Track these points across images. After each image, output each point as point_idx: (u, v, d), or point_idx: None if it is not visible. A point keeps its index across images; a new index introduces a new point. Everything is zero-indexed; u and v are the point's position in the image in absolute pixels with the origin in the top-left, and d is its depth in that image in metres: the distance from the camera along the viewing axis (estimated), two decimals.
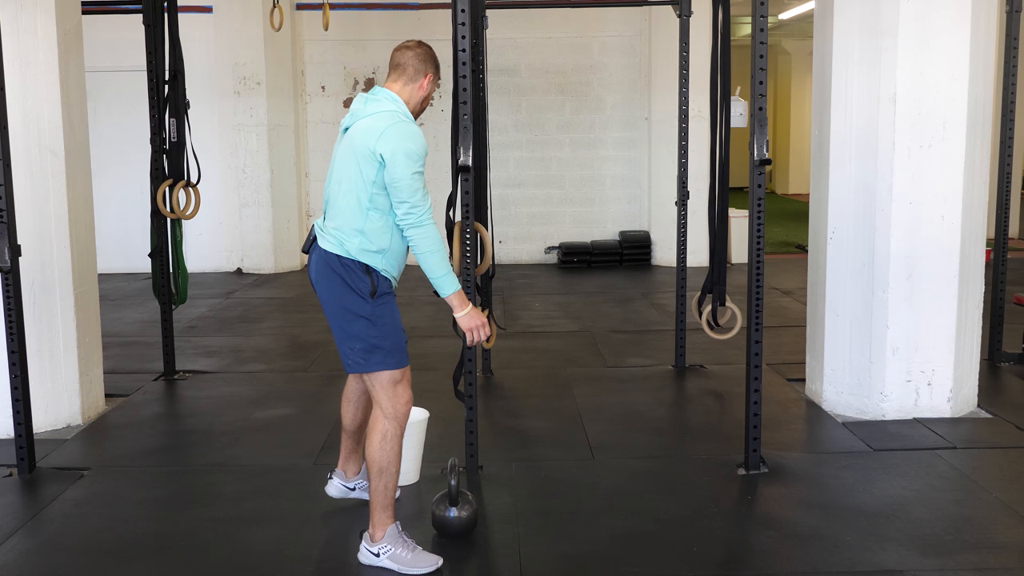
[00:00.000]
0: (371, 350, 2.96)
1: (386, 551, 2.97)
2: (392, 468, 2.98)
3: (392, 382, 2.99)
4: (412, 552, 2.98)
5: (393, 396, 2.99)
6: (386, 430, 2.97)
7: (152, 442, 4.36)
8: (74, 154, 4.43)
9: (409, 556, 2.96)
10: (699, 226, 6.56)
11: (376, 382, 2.99)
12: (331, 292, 2.97)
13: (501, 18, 7.43)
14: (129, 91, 9.01)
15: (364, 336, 2.95)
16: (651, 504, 3.51)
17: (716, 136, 5.07)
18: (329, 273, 2.97)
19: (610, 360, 5.74)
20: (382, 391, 2.99)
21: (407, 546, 2.98)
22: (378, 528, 2.99)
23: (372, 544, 2.99)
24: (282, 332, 6.76)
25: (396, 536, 2.99)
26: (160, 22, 5.14)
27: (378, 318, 2.95)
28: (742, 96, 7.09)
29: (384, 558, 2.97)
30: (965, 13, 4.17)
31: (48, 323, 4.35)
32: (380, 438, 2.97)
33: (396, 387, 2.99)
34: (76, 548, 3.19)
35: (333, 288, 2.96)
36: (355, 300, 2.94)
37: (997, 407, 4.58)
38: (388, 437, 2.97)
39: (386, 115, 2.96)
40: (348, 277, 2.94)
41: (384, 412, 2.99)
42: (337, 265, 2.95)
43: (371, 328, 2.95)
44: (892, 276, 4.32)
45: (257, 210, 9.50)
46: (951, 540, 3.14)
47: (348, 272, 2.94)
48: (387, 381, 2.98)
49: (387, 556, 2.96)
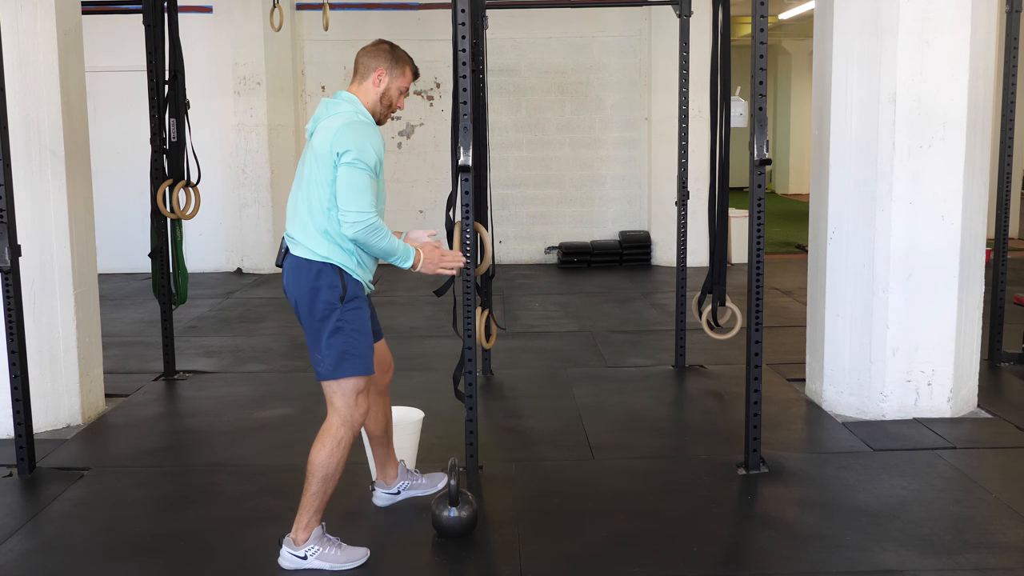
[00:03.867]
0: (341, 357, 2.92)
1: (314, 552, 2.95)
2: (336, 476, 2.97)
3: (355, 391, 2.96)
4: (339, 548, 2.98)
5: (353, 405, 2.96)
6: (340, 437, 2.95)
7: (152, 442, 4.36)
8: (74, 154, 4.42)
9: (338, 552, 2.96)
10: (699, 226, 6.56)
11: (339, 389, 2.95)
12: (302, 300, 2.94)
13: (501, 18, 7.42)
14: (129, 91, 9.01)
15: (335, 343, 2.92)
16: (651, 504, 3.51)
17: (716, 136, 5.07)
18: (300, 281, 2.93)
19: (610, 360, 5.74)
20: (343, 398, 2.95)
21: (333, 543, 2.98)
22: (302, 531, 2.96)
23: (297, 547, 2.96)
24: (282, 332, 6.76)
25: (321, 536, 2.98)
26: (160, 22, 5.14)
27: (347, 324, 2.92)
28: (742, 96, 7.09)
29: (313, 559, 2.94)
30: (965, 13, 4.17)
31: (48, 323, 4.35)
32: (334, 444, 2.94)
33: (358, 396, 2.97)
34: (76, 548, 3.18)
35: (304, 296, 2.93)
36: (326, 306, 2.90)
37: (997, 407, 4.58)
38: (342, 444, 2.95)
39: (342, 115, 2.94)
40: (318, 282, 2.90)
41: (342, 419, 2.96)
42: (307, 271, 2.91)
43: (341, 335, 2.91)
44: (892, 276, 4.32)
45: (257, 210, 9.50)
46: (951, 540, 3.14)
47: (318, 277, 2.90)
48: (351, 389, 2.95)
49: (315, 556, 2.95)
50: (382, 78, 3.03)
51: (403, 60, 3.08)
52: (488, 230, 4.47)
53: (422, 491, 3.48)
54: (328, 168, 2.86)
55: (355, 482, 3.73)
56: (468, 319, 3.81)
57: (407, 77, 3.09)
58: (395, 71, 3.05)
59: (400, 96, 3.10)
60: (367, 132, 2.90)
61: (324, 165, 2.87)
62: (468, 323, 3.82)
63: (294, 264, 2.94)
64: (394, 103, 3.09)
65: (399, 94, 3.09)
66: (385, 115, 3.10)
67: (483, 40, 4.86)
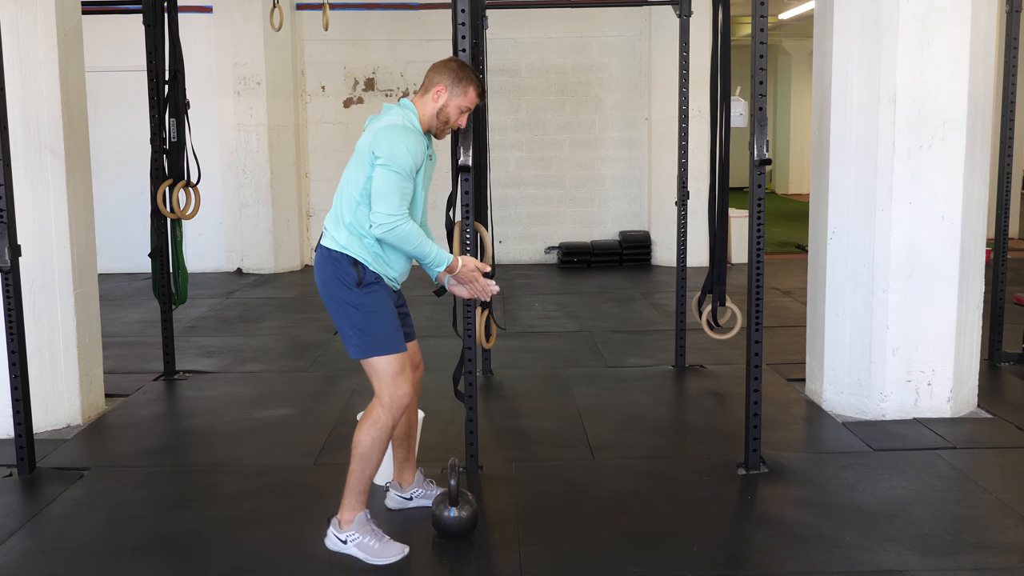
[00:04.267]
0: (362, 338, 3.00)
1: (354, 539, 2.99)
2: (375, 456, 3.01)
3: (391, 373, 3.01)
4: (379, 541, 3.00)
5: (392, 386, 3.01)
6: (378, 418, 3.00)
7: (152, 442, 4.36)
8: (74, 154, 4.43)
9: (376, 545, 2.98)
10: (699, 226, 6.56)
11: (375, 372, 3.02)
12: (325, 285, 3.06)
13: (501, 18, 7.43)
14: (129, 91, 9.02)
15: (357, 324, 3.01)
16: (651, 504, 3.51)
17: (716, 136, 5.07)
18: (323, 267, 3.05)
19: (610, 360, 5.74)
20: (378, 381, 3.02)
21: (375, 535, 3.00)
22: (347, 511, 3.01)
23: (340, 530, 3.01)
24: (282, 332, 6.76)
25: (364, 524, 3.01)
26: (160, 22, 5.13)
27: (365, 307, 3.00)
28: (742, 96, 7.09)
29: (351, 545, 2.99)
30: (965, 13, 4.17)
31: (48, 323, 4.35)
32: (371, 424, 3.00)
33: (396, 378, 3.02)
34: (76, 548, 3.18)
35: (327, 282, 3.05)
36: (343, 290, 3.00)
37: (997, 407, 4.58)
38: (379, 425, 3.00)
39: (391, 119, 3.02)
40: (336, 268, 3.01)
41: (381, 401, 3.02)
42: (328, 258, 3.03)
43: (361, 316, 3.00)
44: (892, 276, 4.32)
45: (257, 210, 9.50)
46: (951, 540, 3.14)
47: (337, 264, 3.01)
48: (385, 370, 3.01)
49: (354, 544, 2.98)
50: (441, 94, 3.08)
51: (467, 80, 3.10)
52: (488, 230, 4.47)
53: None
54: (364, 166, 2.97)
55: None
56: (468, 319, 3.81)
57: (469, 97, 3.11)
58: (456, 89, 3.08)
59: (460, 115, 3.13)
60: (406, 137, 2.95)
61: (361, 162, 2.98)
62: (468, 323, 3.82)
63: (321, 253, 3.07)
64: (452, 120, 3.12)
65: (459, 112, 3.12)
66: (442, 130, 3.14)
67: (483, 40, 4.86)
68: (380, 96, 9.87)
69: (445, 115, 3.10)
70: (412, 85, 9.86)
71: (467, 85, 3.09)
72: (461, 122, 3.15)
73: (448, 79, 3.08)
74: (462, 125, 3.17)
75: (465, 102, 3.11)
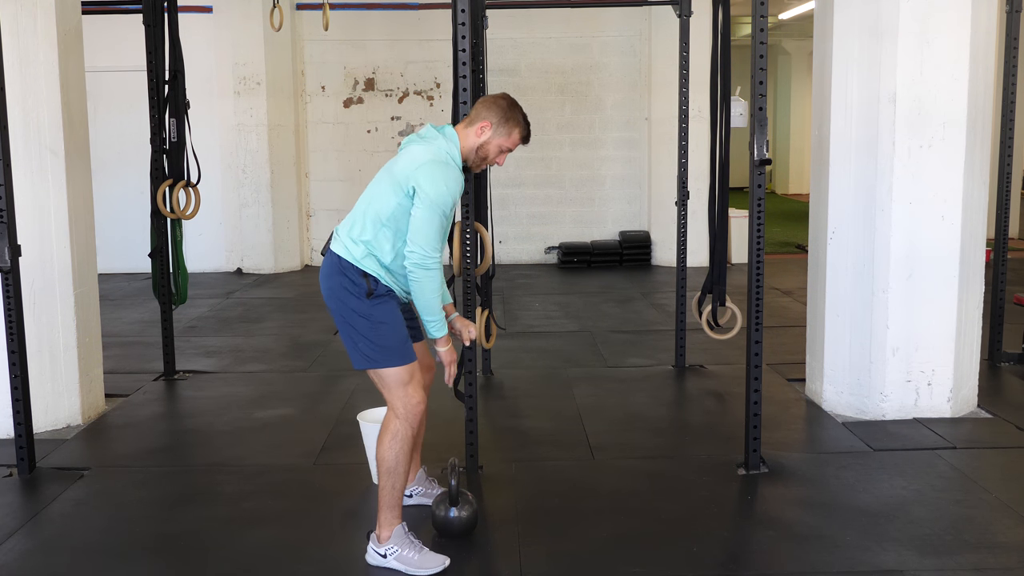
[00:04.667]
0: (374, 348, 2.97)
1: (393, 552, 2.98)
2: (401, 468, 2.99)
3: (401, 382, 2.99)
4: (419, 553, 2.99)
5: (404, 396, 2.99)
6: (397, 430, 2.98)
7: (152, 442, 4.36)
8: (74, 154, 4.43)
9: (416, 557, 2.97)
10: (699, 226, 6.56)
11: (385, 383, 3.00)
12: (333, 293, 3.01)
13: (501, 18, 7.43)
14: (129, 91, 9.01)
15: (366, 335, 2.97)
16: (651, 504, 3.51)
17: (716, 136, 5.07)
18: (332, 274, 3.01)
19: (610, 360, 5.74)
20: (392, 392, 3.00)
21: (414, 547, 2.99)
22: (384, 528, 3.00)
23: (379, 545, 3.00)
24: (282, 332, 6.76)
25: (403, 536, 3.00)
26: (160, 22, 5.13)
27: (375, 317, 2.97)
28: (742, 96, 7.09)
29: (391, 559, 2.98)
30: (965, 13, 4.17)
31: (48, 323, 4.35)
32: (390, 438, 2.98)
33: (406, 388, 3.00)
34: (76, 548, 3.18)
35: (335, 289, 3.00)
36: (353, 300, 2.97)
37: (997, 407, 4.58)
38: (398, 437, 2.98)
39: (433, 150, 2.98)
40: (346, 278, 2.97)
41: (395, 412, 3.00)
42: (338, 266, 2.99)
43: (370, 327, 2.97)
44: (892, 276, 4.32)
45: (257, 210, 9.50)
46: (951, 540, 3.14)
47: (347, 274, 2.97)
48: (395, 381, 2.99)
49: (394, 557, 2.97)
50: (485, 130, 3.06)
51: (514, 121, 3.08)
52: (488, 230, 4.47)
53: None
54: (398, 193, 2.93)
55: (354, 482, 3.74)
56: (468, 319, 3.81)
57: (512, 139, 3.09)
58: (501, 129, 3.06)
59: (500, 154, 3.11)
60: (447, 174, 2.93)
61: (396, 189, 2.94)
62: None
63: (330, 259, 3.03)
64: (491, 158, 3.10)
65: (498, 151, 3.10)
66: (478, 165, 3.13)
67: (483, 40, 4.86)
68: (380, 96, 9.87)
69: (485, 152, 3.08)
70: (412, 85, 9.87)
71: (513, 127, 3.07)
72: (499, 161, 3.13)
73: (495, 117, 3.05)
74: (500, 164, 3.15)
75: (507, 143, 3.09)
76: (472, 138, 3.06)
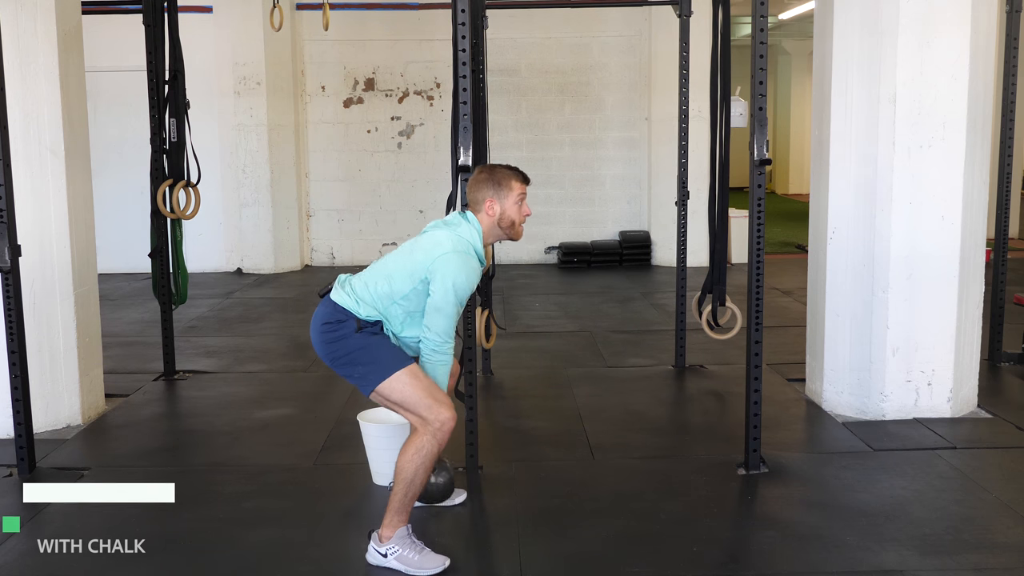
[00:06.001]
0: (369, 366, 2.98)
1: (394, 552, 2.98)
2: (419, 480, 2.98)
3: (425, 405, 2.95)
4: (419, 554, 2.99)
5: (435, 409, 2.95)
6: (422, 445, 2.95)
7: (152, 442, 4.37)
8: (74, 154, 4.42)
9: (416, 557, 2.97)
10: (699, 226, 6.56)
11: (405, 403, 2.97)
12: (322, 338, 3.03)
13: (501, 18, 7.42)
14: (129, 91, 9.00)
15: (361, 360, 2.99)
16: (651, 504, 3.51)
17: (716, 136, 5.07)
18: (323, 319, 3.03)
19: (610, 360, 5.74)
20: (419, 409, 2.96)
21: (415, 547, 2.99)
22: (388, 528, 3.00)
23: (380, 544, 3.00)
24: (282, 332, 6.76)
25: (405, 537, 3.00)
26: (160, 22, 5.13)
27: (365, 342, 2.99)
28: (742, 96, 7.09)
29: (391, 559, 2.98)
30: (965, 13, 4.17)
31: (48, 323, 4.35)
32: (415, 451, 2.95)
33: (433, 403, 2.96)
34: (76, 548, 3.18)
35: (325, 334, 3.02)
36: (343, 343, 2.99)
37: (997, 407, 4.58)
38: (424, 452, 2.95)
39: (454, 239, 3.02)
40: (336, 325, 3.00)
41: (427, 426, 2.96)
42: (333, 311, 3.01)
43: (363, 351, 2.99)
44: (892, 276, 4.32)
45: (257, 210, 9.51)
46: (951, 540, 3.14)
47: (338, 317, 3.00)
48: (418, 403, 2.95)
49: (394, 557, 2.98)
50: (493, 206, 3.10)
51: (504, 179, 3.12)
52: None
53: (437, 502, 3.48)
54: (416, 275, 2.97)
55: (354, 482, 3.74)
56: (468, 319, 3.82)
57: (516, 190, 3.12)
58: (502, 192, 3.10)
59: (520, 206, 3.13)
60: (467, 266, 2.98)
61: (416, 270, 2.98)
62: (468, 323, 3.83)
63: (327, 307, 3.04)
64: (516, 219, 3.13)
65: (517, 208, 3.13)
66: (512, 230, 3.15)
67: (483, 40, 4.86)
68: (380, 96, 9.88)
69: (508, 220, 3.12)
70: (412, 85, 9.87)
71: (508, 182, 3.11)
72: (526, 211, 3.16)
73: (490, 190, 3.10)
74: (528, 213, 3.17)
75: (516, 195, 3.12)
76: (487, 220, 3.11)
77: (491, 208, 3.10)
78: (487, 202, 3.10)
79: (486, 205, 3.10)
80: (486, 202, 3.10)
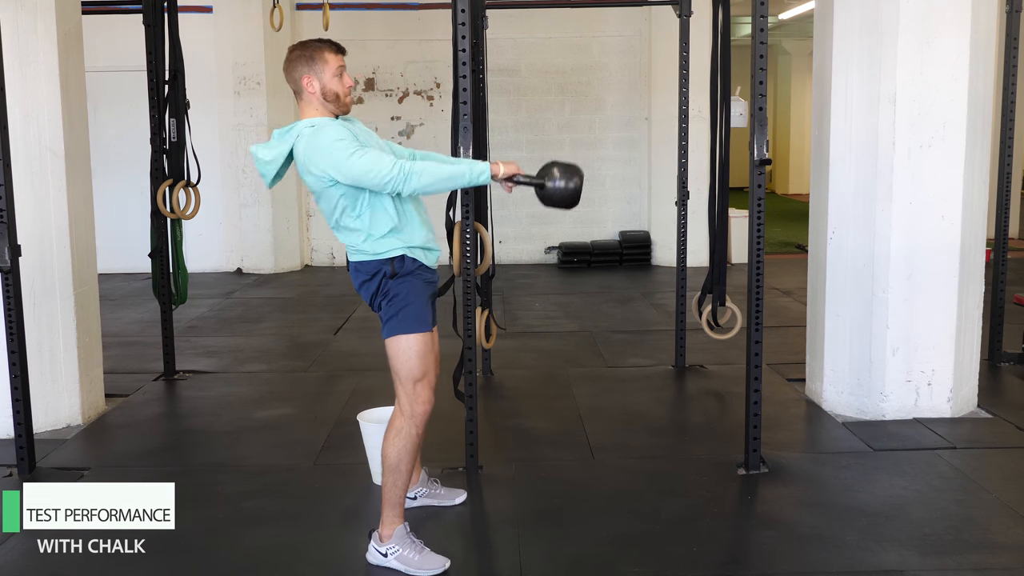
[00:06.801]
0: (390, 320, 2.99)
1: (394, 552, 2.98)
2: (403, 467, 2.99)
3: (412, 380, 2.98)
4: (419, 553, 2.99)
5: (412, 394, 2.99)
6: (401, 427, 2.99)
7: (152, 442, 4.36)
8: (74, 154, 4.42)
9: (416, 557, 2.98)
10: (699, 226, 6.56)
11: (398, 378, 3.00)
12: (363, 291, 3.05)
13: (501, 18, 7.42)
14: (129, 91, 9.00)
15: (386, 311, 3.00)
16: (651, 504, 3.51)
17: (716, 136, 5.07)
18: (359, 279, 3.04)
19: (610, 360, 5.74)
20: (402, 388, 3.00)
21: (415, 547, 3.00)
22: (386, 526, 3.01)
23: (380, 544, 3.01)
24: (282, 332, 6.76)
25: (404, 536, 3.00)
26: (160, 22, 5.13)
27: (395, 294, 2.98)
28: (742, 96, 7.09)
29: (392, 559, 2.98)
30: (965, 13, 4.17)
31: (48, 323, 4.35)
32: (395, 435, 2.99)
33: (416, 385, 3.00)
34: (76, 548, 3.18)
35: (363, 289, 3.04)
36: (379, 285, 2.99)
37: (997, 407, 4.58)
38: (402, 435, 2.99)
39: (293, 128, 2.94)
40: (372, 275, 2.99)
41: (402, 410, 3.01)
42: (362, 270, 3.02)
43: (389, 303, 2.99)
44: (892, 276, 4.32)
45: (257, 210, 9.50)
46: (951, 540, 3.14)
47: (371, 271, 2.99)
48: (408, 378, 2.98)
49: (395, 557, 2.98)
50: (312, 83, 2.95)
51: (318, 51, 2.96)
52: (488, 230, 4.47)
53: (438, 501, 3.49)
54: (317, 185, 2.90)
55: (354, 482, 3.74)
56: (468, 319, 3.82)
57: (332, 62, 2.96)
58: (316, 67, 2.94)
59: (340, 78, 2.97)
60: (320, 134, 2.86)
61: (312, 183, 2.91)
62: (468, 323, 3.82)
63: (353, 267, 3.05)
64: (339, 91, 2.96)
65: (337, 79, 2.96)
66: (344, 104, 2.99)
67: (483, 40, 4.86)
68: (380, 96, 9.87)
69: (331, 93, 2.95)
70: (412, 85, 9.87)
71: (320, 55, 2.95)
72: (348, 82, 2.99)
73: (304, 66, 2.94)
74: (350, 84, 3.00)
75: (333, 66, 2.95)
76: (314, 101, 2.96)
77: (310, 85, 2.94)
78: (304, 79, 2.94)
79: (304, 83, 2.94)
80: (303, 79, 2.94)
